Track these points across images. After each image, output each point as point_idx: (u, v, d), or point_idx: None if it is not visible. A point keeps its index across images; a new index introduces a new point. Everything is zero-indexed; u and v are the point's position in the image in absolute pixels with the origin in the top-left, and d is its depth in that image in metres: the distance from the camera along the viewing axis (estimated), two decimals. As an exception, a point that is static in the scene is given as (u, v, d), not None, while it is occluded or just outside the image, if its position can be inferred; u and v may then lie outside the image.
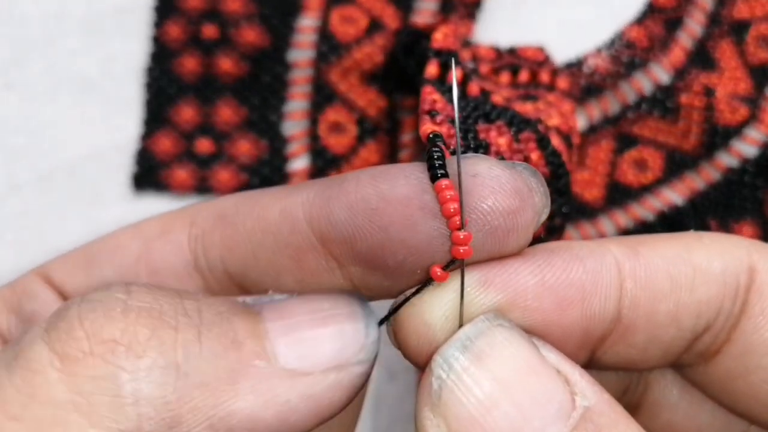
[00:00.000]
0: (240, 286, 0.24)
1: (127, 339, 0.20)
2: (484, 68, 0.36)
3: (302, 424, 0.21)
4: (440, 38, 0.33)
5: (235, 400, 0.20)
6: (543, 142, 0.30)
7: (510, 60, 0.37)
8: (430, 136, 0.25)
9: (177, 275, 0.24)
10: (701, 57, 0.41)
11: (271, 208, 0.23)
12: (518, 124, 0.29)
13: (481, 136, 0.28)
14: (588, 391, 0.21)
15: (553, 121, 0.32)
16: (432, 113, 0.28)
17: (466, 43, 0.37)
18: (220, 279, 0.24)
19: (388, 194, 0.21)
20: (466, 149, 0.28)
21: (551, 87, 0.37)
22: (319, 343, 0.21)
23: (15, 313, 0.25)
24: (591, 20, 0.42)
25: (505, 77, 0.37)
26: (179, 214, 0.25)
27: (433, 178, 0.23)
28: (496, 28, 0.41)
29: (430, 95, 0.29)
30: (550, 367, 0.21)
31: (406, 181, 0.22)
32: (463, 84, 0.32)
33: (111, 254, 0.25)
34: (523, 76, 0.37)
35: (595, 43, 0.41)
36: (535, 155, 0.29)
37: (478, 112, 0.29)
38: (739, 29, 0.41)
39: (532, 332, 0.22)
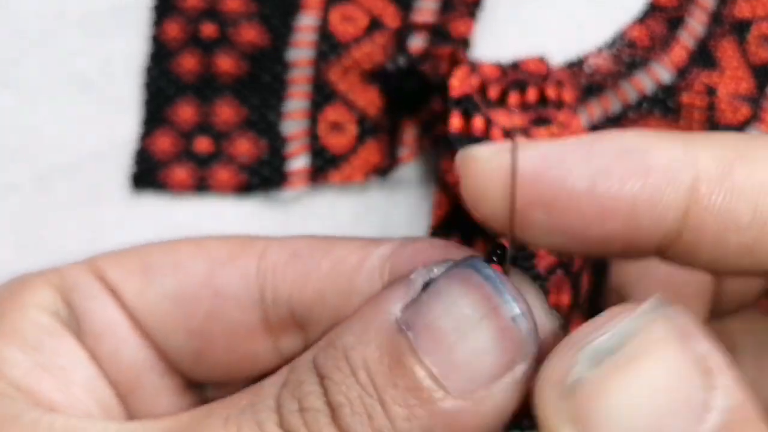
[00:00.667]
0: (298, 324, 0.24)
1: None
2: (493, 92, 0.37)
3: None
4: (457, 84, 0.34)
5: None
6: None
7: (515, 76, 0.38)
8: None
9: (240, 303, 0.24)
10: (703, 56, 0.41)
11: (348, 255, 0.24)
12: None
13: None
14: (732, 389, 0.19)
15: None
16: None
17: (471, 66, 0.37)
18: (281, 315, 0.24)
19: None
20: None
21: (559, 103, 0.38)
22: (484, 355, 0.20)
23: (66, 303, 0.25)
24: (592, 19, 0.42)
25: (514, 98, 0.37)
26: (248, 243, 0.25)
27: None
28: (496, 27, 0.42)
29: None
30: (697, 362, 0.19)
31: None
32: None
33: (173, 269, 0.25)
34: (531, 95, 0.37)
35: (596, 42, 0.41)
36: None
37: None
38: (740, 28, 0.41)
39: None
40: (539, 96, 0.38)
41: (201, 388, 0.27)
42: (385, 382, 0.20)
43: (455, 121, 0.32)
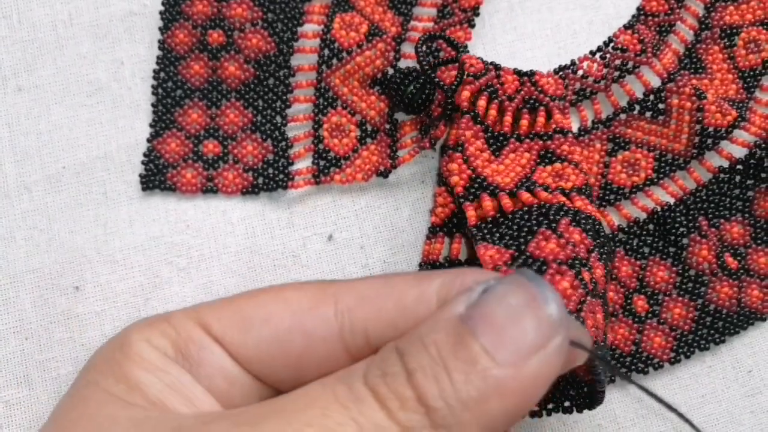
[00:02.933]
0: (373, 347, 0.29)
1: None
2: (509, 106, 0.39)
3: (536, 398, 0.27)
4: (466, 96, 0.39)
5: (492, 408, 0.26)
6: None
7: (529, 91, 0.39)
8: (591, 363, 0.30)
9: (325, 340, 0.29)
10: (692, 61, 0.41)
11: (407, 294, 0.29)
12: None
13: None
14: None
15: (578, 203, 0.36)
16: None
17: (495, 66, 0.39)
18: (359, 343, 0.29)
19: None
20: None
21: (564, 131, 0.39)
22: (523, 334, 0.26)
23: (179, 352, 0.29)
24: (585, 25, 0.42)
25: (525, 122, 0.39)
26: (323, 292, 0.30)
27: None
28: (492, 33, 0.42)
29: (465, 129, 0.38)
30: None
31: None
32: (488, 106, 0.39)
33: (266, 321, 0.30)
34: (540, 119, 0.39)
35: (588, 47, 0.42)
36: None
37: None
38: (729, 33, 0.41)
39: None
40: (546, 118, 0.39)
41: None
42: (449, 356, 0.26)
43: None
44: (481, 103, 0.39)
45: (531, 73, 0.40)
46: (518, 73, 0.40)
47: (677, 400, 0.39)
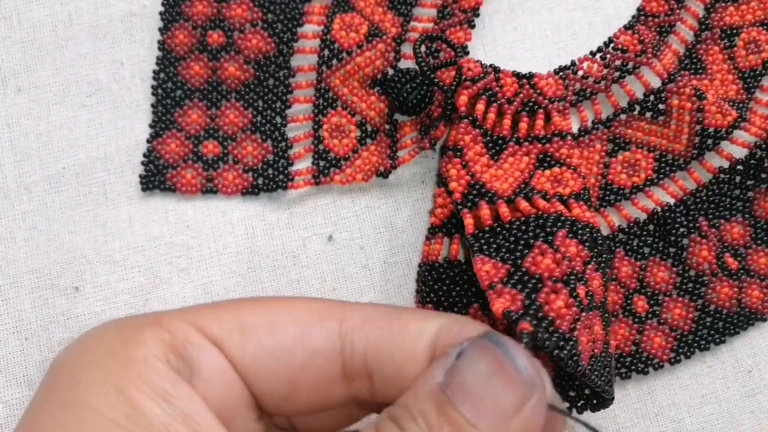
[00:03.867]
0: (367, 373, 0.30)
1: None
2: (508, 109, 0.39)
3: None
4: (464, 101, 0.39)
5: None
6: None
7: (528, 94, 0.39)
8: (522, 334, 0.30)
9: (327, 357, 0.30)
10: (692, 62, 0.41)
11: (410, 326, 0.30)
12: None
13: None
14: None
15: (575, 210, 0.36)
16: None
17: (495, 69, 0.39)
18: (356, 366, 0.30)
19: None
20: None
21: (563, 134, 0.39)
22: (498, 400, 0.27)
23: (178, 355, 0.29)
24: (585, 26, 0.43)
25: (523, 125, 0.39)
26: (330, 309, 0.31)
27: None
28: (493, 34, 0.42)
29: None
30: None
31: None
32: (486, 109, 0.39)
33: (269, 329, 0.30)
34: (539, 122, 0.39)
35: (588, 48, 0.42)
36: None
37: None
38: (729, 34, 0.41)
39: None
40: (545, 119, 0.39)
41: (272, 416, 0.32)
42: (438, 427, 0.26)
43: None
44: (480, 106, 0.39)
45: (530, 76, 0.40)
46: (517, 75, 0.40)
47: (677, 400, 0.39)
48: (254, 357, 0.29)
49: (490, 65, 0.40)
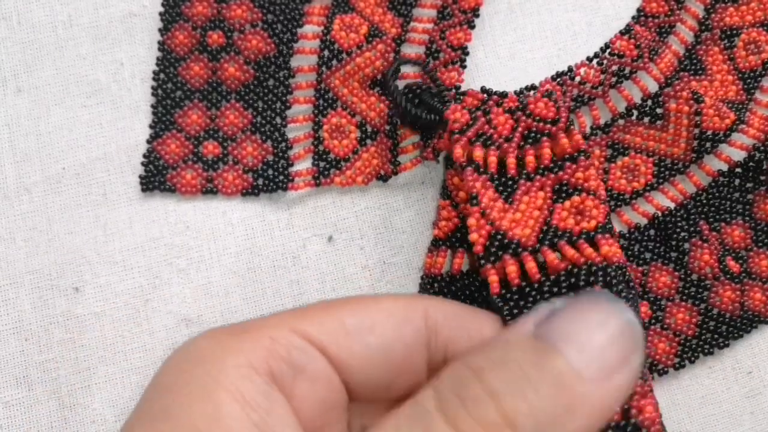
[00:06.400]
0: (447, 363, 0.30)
1: None
2: (508, 148, 0.36)
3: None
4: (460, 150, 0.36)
5: (577, 423, 0.26)
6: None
7: (527, 124, 0.37)
8: None
9: (420, 352, 0.30)
10: (692, 63, 0.41)
11: (487, 326, 0.31)
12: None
13: None
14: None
15: (604, 249, 0.33)
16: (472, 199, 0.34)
17: (484, 111, 0.37)
18: (438, 358, 0.30)
19: None
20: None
21: (573, 156, 0.36)
22: (607, 350, 0.26)
23: (280, 360, 0.29)
24: (585, 26, 0.43)
25: (530, 158, 0.36)
26: (414, 304, 0.31)
27: None
28: (492, 35, 0.42)
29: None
30: None
31: None
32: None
33: (370, 329, 0.30)
34: (546, 151, 0.36)
35: (588, 48, 0.42)
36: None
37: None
38: (729, 35, 0.41)
39: None
40: (551, 144, 0.36)
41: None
42: (534, 372, 0.26)
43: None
44: (478, 153, 0.36)
45: (524, 105, 0.37)
46: (510, 111, 0.37)
47: (677, 401, 0.39)
48: (361, 356, 0.30)
49: (479, 108, 0.37)
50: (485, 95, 0.38)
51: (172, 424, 0.27)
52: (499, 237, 0.33)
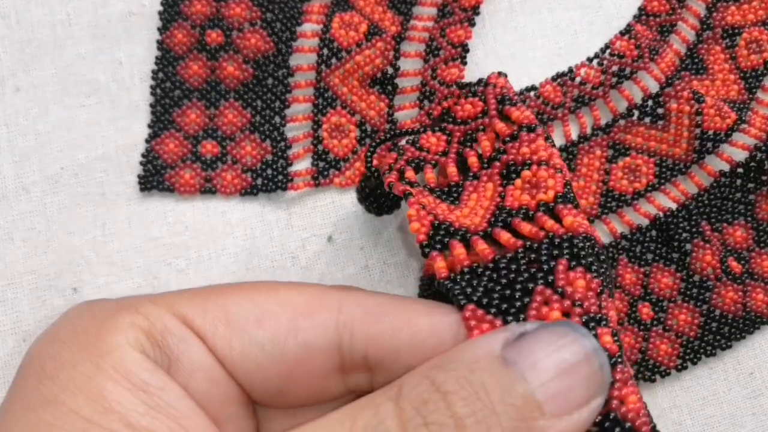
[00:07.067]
0: (368, 367, 0.28)
1: None
2: (446, 162, 0.34)
3: None
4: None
5: None
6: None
7: (460, 132, 0.35)
8: None
9: (321, 352, 0.27)
10: (693, 62, 0.41)
11: (419, 320, 0.27)
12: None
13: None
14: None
15: (568, 219, 0.30)
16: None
17: (413, 142, 0.35)
18: (355, 360, 0.28)
19: None
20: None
21: (514, 134, 0.33)
22: (573, 389, 0.26)
23: (155, 344, 0.26)
24: (586, 25, 0.42)
25: (473, 159, 0.33)
26: (323, 297, 0.28)
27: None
28: (493, 33, 0.42)
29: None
30: None
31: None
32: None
33: (257, 321, 0.27)
34: (486, 143, 0.33)
35: (589, 47, 0.42)
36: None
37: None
38: (731, 34, 0.41)
39: None
40: (493, 136, 0.34)
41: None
42: (500, 402, 0.24)
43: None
44: (410, 174, 0.33)
45: (453, 126, 0.35)
46: (441, 130, 0.36)
47: (679, 402, 0.39)
48: (242, 352, 0.27)
49: (405, 142, 0.36)
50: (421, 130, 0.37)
51: (54, 413, 0.24)
52: (445, 226, 0.30)
